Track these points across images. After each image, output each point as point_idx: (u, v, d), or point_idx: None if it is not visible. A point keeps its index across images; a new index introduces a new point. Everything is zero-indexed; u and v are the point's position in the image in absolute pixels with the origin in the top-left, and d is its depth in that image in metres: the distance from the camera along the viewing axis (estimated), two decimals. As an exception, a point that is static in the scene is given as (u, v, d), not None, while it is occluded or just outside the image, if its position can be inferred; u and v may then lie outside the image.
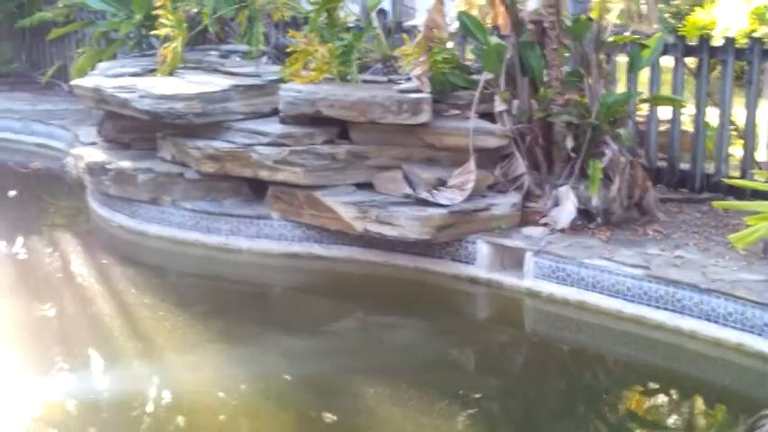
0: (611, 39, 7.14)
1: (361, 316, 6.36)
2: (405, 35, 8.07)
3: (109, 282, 6.73)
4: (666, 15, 15.29)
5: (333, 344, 5.82)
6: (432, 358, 5.62)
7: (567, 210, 6.58)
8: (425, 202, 6.52)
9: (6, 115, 11.27)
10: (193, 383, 5.22)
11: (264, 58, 8.46)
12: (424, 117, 6.70)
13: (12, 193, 10.05)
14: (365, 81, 7.26)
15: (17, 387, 5.11)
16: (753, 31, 11.46)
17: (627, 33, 7.34)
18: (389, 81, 7.28)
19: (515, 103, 6.92)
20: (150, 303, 6.36)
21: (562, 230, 6.51)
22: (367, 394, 5.12)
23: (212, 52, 8.84)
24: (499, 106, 6.89)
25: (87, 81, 8.19)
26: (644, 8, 15.18)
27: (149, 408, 4.99)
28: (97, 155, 7.92)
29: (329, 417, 4.90)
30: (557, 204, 6.67)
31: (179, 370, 5.41)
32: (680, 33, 9.17)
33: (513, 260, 6.51)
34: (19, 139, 11.05)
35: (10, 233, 8.45)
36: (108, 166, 7.60)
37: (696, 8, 14.04)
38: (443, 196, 6.54)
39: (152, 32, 8.90)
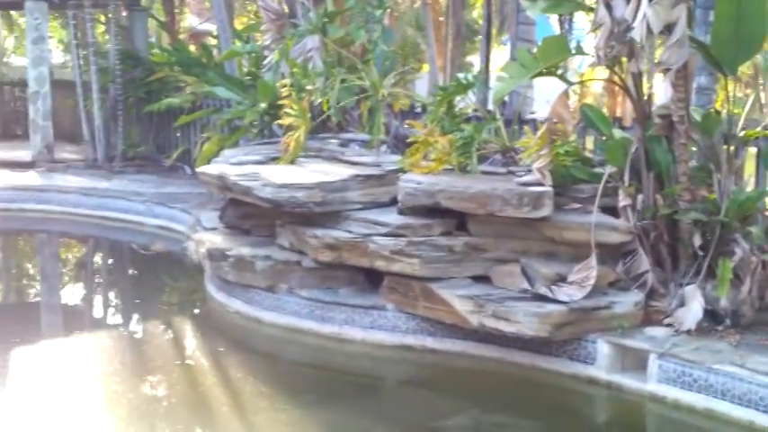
0: (741, 133, 6.91)
1: (474, 414, 6.16)
2: (526, 127, 8.01)
3: (222, 367, 6.76)
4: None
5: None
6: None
7: (693, 310, 6.30)
8: (544, 298, 6.34)
9: (132, 198, 11.65)
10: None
11: (384, 147, 8.53)
12: (546, 211, 6.58)
13: (133, 273, 10.37)
14: (484, 172, 7.23)
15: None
16: None
17: (758, 129, 7.06)
18: (509, 173, 7.21)
19: (640, 197, 6.73)
20: (261, 392, 6.33)
21: (688, 332, 6.22)
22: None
23: (332, 141, 8.98)
24: (623, 201, 6.72)
25: (212, 168, 8.41)
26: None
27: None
28: (218, 241, 8.07)
29: None
30: (682, 304, 6.40)
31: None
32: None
33: (635, 362, 6.23)
34: (142, 221, 11.38)
35: (128, 313, 8.68)
36: (228, 252, 7.72)
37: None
38: (563, 292, 6.35)
39: (276, 121, 9.12)
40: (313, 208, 7.26)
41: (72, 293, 9.66)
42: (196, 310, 8.52)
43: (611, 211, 6.80)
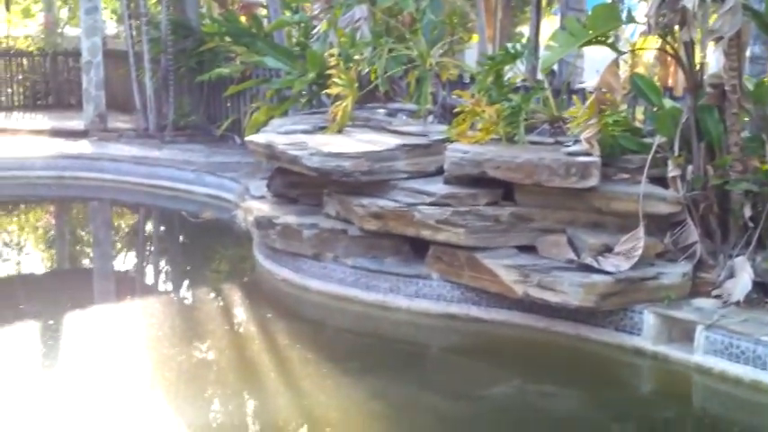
0: (795, 103, 6.77)
1: (518, 383, 6.17)
2: (575, 97, 7.93)
3: (269, 334, 6.85)
4: None
5: (489, 411, 5.67)
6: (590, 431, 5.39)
7: (742, 282, 6.23)
8: (590, 269, 6.32)
9: (182, 166, 11.80)
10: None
11: (431, 117, 8.52)
12: (593, 181, 6.53)
13: (183, 240, 10.52)
14: (532, 142, 7.18)
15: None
16: None
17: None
18: (556, 143, 7.16)
19: (689, 168, 6.65)
20: (308, 358, 6.41)
21: (736, 304, 6.16)
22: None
23: (380, 110, 8.98)
24: (672, 171, 6.64)
25: (260, 137, 8.47)
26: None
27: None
28: (265, 209, 8.15)
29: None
30: (731, 276, 6.33)
31: (332, 429, 5.40)
32: None
33: (681, 333, 6.19)
34: (192, 190, 11.51)
35: (178, 279, 8.83)
36: (275, 221, 7.80)
37: None
38: (609, 263, 6.32)
39: (324, 91, 9.14)
40: (359, 177, 7.29)
41: (123, 260, 9.85)
42: (244, 278, 8.64)
43: (660, 181, 6.73)
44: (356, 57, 8.85)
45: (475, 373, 6.36)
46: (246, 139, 9.09)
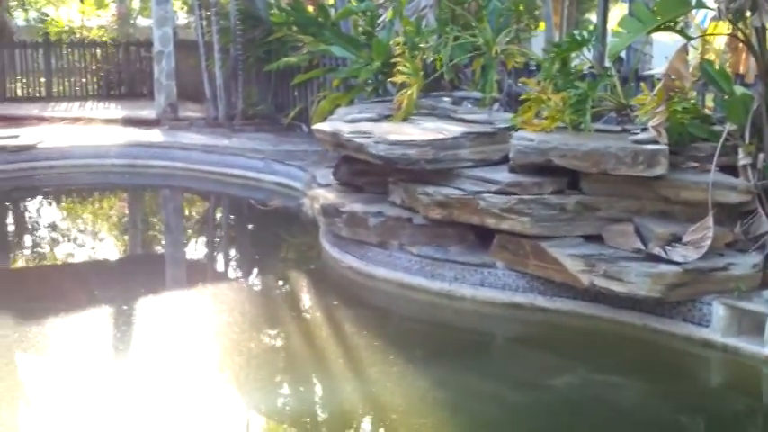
0: None
1: (583, 373, 6.14)
2: (643, 84, 7.82)
3: (336, 321, 6.93)
4: None
5: (554, 400, 5.65)
6: (656, 424, 5.33)
7: (816, 274, 6.10)
8: (657, 258, 6.25)
9: (250, 155, 11.97)
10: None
11: (496, 105, 8.49)
12: (661, 169, 6.44)
13: (251, 228, 10.69)
14: (598, 130, 7.11)
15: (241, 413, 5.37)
16: None
17: None
18: (623, 131, 7.08)
19: (761, 156, 6.52)
20: (374, 345, 6.48)
21: (810, 296, 6.04)
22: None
23: (445, 99, 8.98)
24: (743, 159, 6.53)
25: (327, 126, 8.55)
26: None
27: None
28: (331, 197, 8.23)
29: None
30: (804, 268, 6.20)
31: (398, 415, 5.46)
32: None
33: (752, 325, 6.09)
34: (260, 178, 11.69)
35: (247, 266, 8.99)
36: (341, 209, 7.87)
37: None
38: (677, 253, 6.24)
39: (389, 79, 9.17)
40: (424, 165, 7.31)
41: (194, 247, 10.06)
42: (311, 265, 8.74)
43: (731, 170, 6.62)
44: (422, 45, 8.86)
45: (539, 362, 6.35)
46: (313, 127, 9.18)
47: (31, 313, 6.85)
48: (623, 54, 8.97)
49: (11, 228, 10.74)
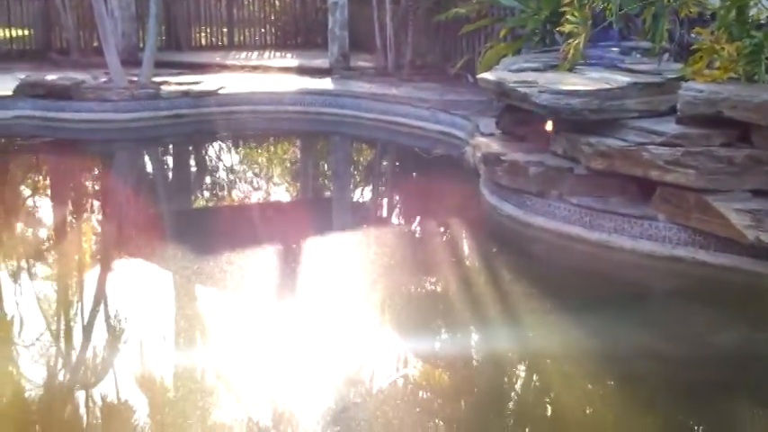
0: None
1: (745, 330, 5.99)
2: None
3: (493, 268, 7.04)
4: None
5: (713, 357, 5.55)
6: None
7: None
8: (830, 216, 6.00)
9: (417, 104, 12.16)
10: (563, 378, 5.33)
11: (666, 56, 8.27)
12: (838, 123, 6.15)
13: (414, 176, 10.91)
14: (774, 82, 6.83)
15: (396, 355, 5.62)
16: None
17: None
18: (802, 83, 6.77)
19: None
20: (531, 293, 6.53)
21: None
22: (744, 416, 4.87)
23: (613, 49, 8.82)
24: None
25: (491, 75, 8.59)
26: None
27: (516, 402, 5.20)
28: (493, 146, 8.30)
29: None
30: None
31: (553, 362, 5.54)
32: None
33: None
34: (425, 126, 11.89)
35: (409, 212, 9.22)
36: (502, 157, 7.93)
37: None
38: None
39: (557, 29, 9.09)
40: (588, 115, 7.25)
41: (360, 192, 10.38)
42: (471, 212, 8.85)
43: None
44: (591, -7, 8.70)
45: (699, 317, 6.23)
46: (478, 76, 9.23)
47: (209, 248, 7.32)
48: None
49: (191, 169, 11.44)
